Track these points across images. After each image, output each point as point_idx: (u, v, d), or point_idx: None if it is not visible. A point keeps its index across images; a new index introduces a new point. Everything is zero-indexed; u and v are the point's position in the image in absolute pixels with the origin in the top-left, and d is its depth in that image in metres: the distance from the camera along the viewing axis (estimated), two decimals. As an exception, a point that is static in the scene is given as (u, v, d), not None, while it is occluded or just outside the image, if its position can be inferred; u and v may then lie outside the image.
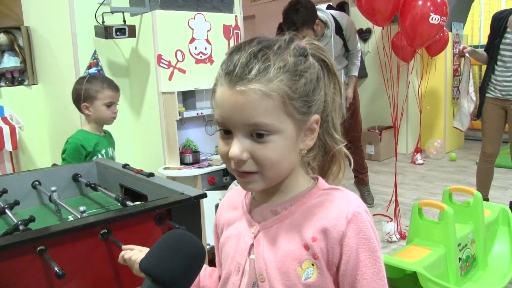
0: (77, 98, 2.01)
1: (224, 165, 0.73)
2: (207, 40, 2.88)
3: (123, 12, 2.75)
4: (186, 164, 2.68)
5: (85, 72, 2.76)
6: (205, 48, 2.88)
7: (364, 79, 5.61)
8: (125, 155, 2.23)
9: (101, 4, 2.73)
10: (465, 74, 3.49)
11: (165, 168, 2.67)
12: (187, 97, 2.81)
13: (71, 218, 1.32)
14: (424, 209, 2.28)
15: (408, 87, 3.30)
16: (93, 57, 2.77)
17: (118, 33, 2.64)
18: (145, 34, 2.80)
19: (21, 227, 1.10)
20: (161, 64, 2.70)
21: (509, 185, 4.10)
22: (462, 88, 3.64)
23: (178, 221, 1.13)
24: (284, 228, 0.73)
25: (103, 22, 2.69)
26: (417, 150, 5.05)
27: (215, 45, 2.92)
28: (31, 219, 1.23)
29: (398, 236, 2.91)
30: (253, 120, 0.66)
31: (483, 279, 2.29)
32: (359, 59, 3.57)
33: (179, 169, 2.63)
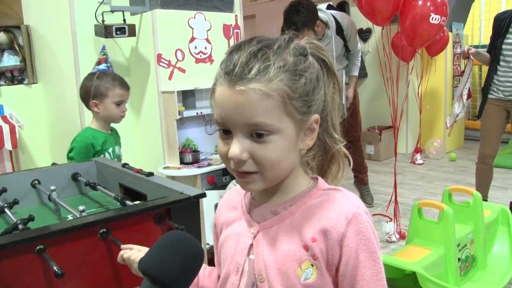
0: (86, 95, 1.95)
1: (224, 165, 0.73)
2: (207, 40, 2.88)
3: (123, 11, 2.75)
4: (186, 164, 2.68)
5: (94, 68, 2.67)
6: (205, 48, 2.87)
7: (364, 79, 5.62)
8: (124, 154, 2.22)
9: (101, 3, 2.73)
10: (465, 76, 3.48)
11: (164, 168, 2.67)
12: (187, 97, 2.81)
13: (70, 217, 1.32)
14: (423, 209, 2.28)
15: (408, 87, 3.30)
16: (102, 53, 2.68)
17: (118, 32, 2.63)
18: (145, 33, 2.79)
19: (20, 226, 1.10)
20: (161, 64, 2.70)
21: (508, 185, 4.10)
22: (458, 88, 3.67)
23: (177, 221, 1.13)
24: (284, 228, 0.73)
25: (103, 21, 2.69)
26: (417, 150, 5.05)
27: (215, 44, 2.92)
28: (30, 218, 1.23)
29: (397, 236, 2.91)
30: (253, 120, 0.66)
31: (483, 279, 2.29)
32: (360, 59, 3.57)
33: (178, 168, 2.62)
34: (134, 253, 0.91)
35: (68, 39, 2.77)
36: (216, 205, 2.10)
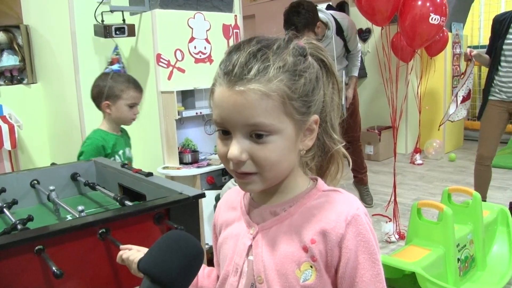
0: (99, 95, 1.90)
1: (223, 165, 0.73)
2: (207, 40, 2.88)
3: (122, 11, 2.74)
4: (185, 164, 2.68)
5: (107, 68, 2.62)
6: (205, 48, 2.87)
7: (363, 79, 5.62)
8: (124, 154, 2.23)
9: (100, 3, 2.73)
10: (465, 78, 3.47)
11: (164, 168, 2.67)
12: (186, 97, 2.80)
13: (69, 217, 1.32)
14: (423, 210, 2.28)
15: (407, 87, 3.30)
16: (115, 53, 2.64)
17: (117, 32, 2.63)
18: (144, 33, 2.79)
19: (19, 226, 1.10)
20: (160, 64, 2.69)
21: (508, 185, 4.10)
22: (456, 89, 3.67)
23: (176, 221, 1.13)
24: (283, 229, 0.72)
25: (102, 21, 2.69)
26: (416, 150, 5.05)
27: (214, 44, 2.91)
28: (30, 218, 1.23)
29: (397, 236, 2.92)
30: (253, 120, 0.65)
31: (482, 280, 2.29)
32: (359, 60, 3.57)
33: (178, 168, 2.62)
34: (133, 253, 0.91)
35: (67, 39, 2.77)
36: (215, 205, 2.10)
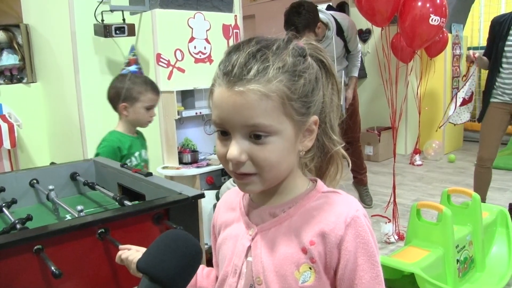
0: (116, 96, 1.89)
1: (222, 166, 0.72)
2: (207, 40, 2.88)
3: (122, 11, 2.74)
4: (185, 164, 2.68)
5: (124, 69, 2.54)
6: (205, 48, 2.87)
7: (363, 79, 5.62)
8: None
9: (100, 2, 2.73)
10: (469, 81, 3.44)
11: (163, 168, 2.66)
12: (186, 97, 2.80)
13: (68, 217, 1.32)
14: (422, 210, 2.28)
15: (407, 88, 3.30)
16: (132, 53, 2.62)
17: (117, 31, 2.63)
18: (144, 33, 2.79)
19: (18, 226, 1.10)
20: (160, 63, 2.69)
21: (507, 186, 4.10)
22: (457, 90, 3.66)
23: (176, 221, 1.13)
24: (282, 231, 0.72)
25: (102, 20, 2.68)
26: (416, 151, 5.05)
27: (214, 44, 2.91)
28: (29, 218, 1.23)
29: (396, 237, 2.92)
30: (252, 121, 0.65)
31: (481, 281, 2.29)
32: (360, 60, 3.57)
33: (177, 168, 2.62)
34: (132, 253, 0.90)
35: (67, 38, 2.76)
36: (215, 205, 2.10)
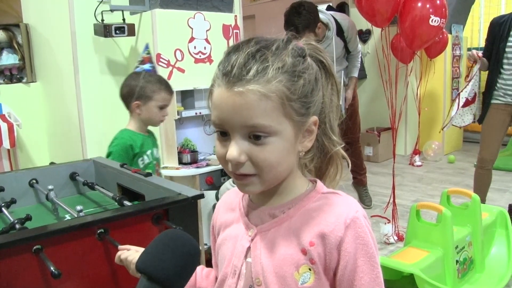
0: (129, 94, 1.87)
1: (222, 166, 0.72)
2: (207, 40, 2.88)
3: (122, 11, 2.74)
4: (184, 164, 2.67)
5: (137, 67, 2.55)
6: (204, 48, 2.87)
7: (363, 80, 5.62)
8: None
9: (100, 2, 2.73)
10: (472, 81, 3.43)
11: (163, 168, 2.66)
12: (186, 97, 2.80)
13: (68, 217, 1.32)
14: (422, 211, 2.28)
15: (407, 88, 3.30)
16: (146, 52, 2.58)
17: (117, 31, 2.63)
18: (144, 33, 2.79)
19: (17, 226, 1.10)
20: (160, 63, 2.69)
21: (507, 187, 4.11)
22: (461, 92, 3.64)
23: (175, 221, 1.13)
24: (282, 231, 0.72)
25: (102, 20, 2.68)
26: (416, 151, 5.06)
27: (214, 44, 2.91)
28: (28, 218, 1.23)
29: (395, 237, 2.92)
30: (252, 121, 0.65)
31: (480, 282, 2.29)
32: (359, 61, 3.57)
33: (177, 168, 2.62)
34: (131, 254, 0.90)
35: (67, 38, 2.76)
36: (214, 206, 2.10)
